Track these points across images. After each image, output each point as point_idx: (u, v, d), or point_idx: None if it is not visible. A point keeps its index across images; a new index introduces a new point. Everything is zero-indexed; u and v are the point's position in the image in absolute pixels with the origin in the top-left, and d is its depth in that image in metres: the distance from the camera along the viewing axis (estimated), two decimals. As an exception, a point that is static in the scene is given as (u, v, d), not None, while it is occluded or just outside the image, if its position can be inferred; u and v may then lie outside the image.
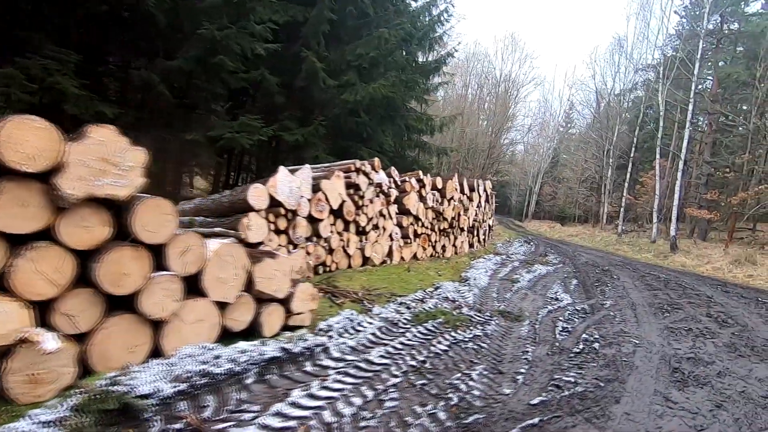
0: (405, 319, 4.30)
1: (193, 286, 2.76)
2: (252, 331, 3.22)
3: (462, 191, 10.71)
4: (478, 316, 4.85)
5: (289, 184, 5.50)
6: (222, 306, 2.96)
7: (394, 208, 8.07)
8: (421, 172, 8.99)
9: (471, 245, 11.72)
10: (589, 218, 35.68)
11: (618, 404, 2.78)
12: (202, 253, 2.74)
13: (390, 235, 7.99)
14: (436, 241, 9.53)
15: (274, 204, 5.34)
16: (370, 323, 3.92)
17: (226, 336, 3.03)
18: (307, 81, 9.14)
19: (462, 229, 10.70)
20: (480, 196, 12.03)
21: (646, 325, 5.14)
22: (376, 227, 7.50)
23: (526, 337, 4.26)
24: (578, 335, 4.46)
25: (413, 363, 3.18)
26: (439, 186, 9.53)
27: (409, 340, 3.70)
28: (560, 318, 5.18)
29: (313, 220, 6.04)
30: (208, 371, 2.37)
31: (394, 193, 8.07)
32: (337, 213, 6.54)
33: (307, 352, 2.98)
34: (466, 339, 3.96)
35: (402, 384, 2.80)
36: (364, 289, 5.45)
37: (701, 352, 4.19)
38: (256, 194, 5.00)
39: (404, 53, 11.07)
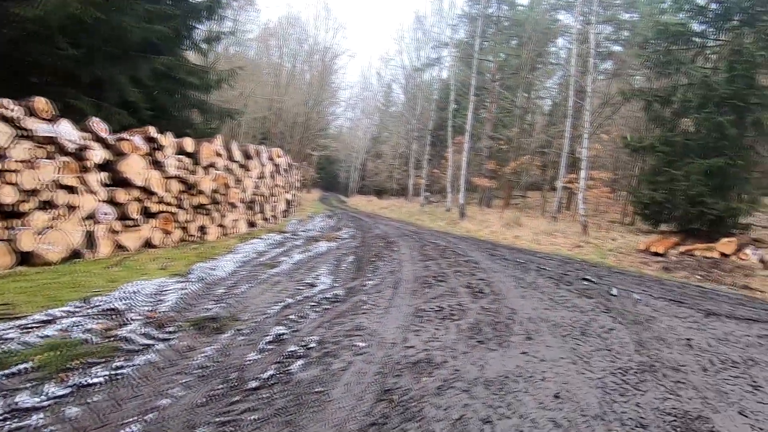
0: None
1: None
2: None
3: (231, 158, 8.67)
4: (146, 337, 3.04)
5: None
6: None
7: (98, 176, 5.56)
8: (153, 129, 6.56)
9: (252, 224, 9.87)
10: (403, 191, 37.96)
11: None
12: None
13: (92, 217, 5.49)
14: (187, 221, 7.32)
15: None
16: None
17: None
18: (-62, -26, 5.60)
19: (234, 205, 8.73)
20: (263, 166, 10.20)
21: (394, 311, 4.16)
22: (50, 205, 4.92)
23: (196, 368, 2.63)
24: (287, 346, 3.07)
25: None
26: (190, 149, 7.29)
27: None
28: (291, 315, 3.79)
29: None
30: None
31: (97, 154, 5.54)
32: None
33: None
34: (42, 404, 2.09)
35: None
36: (-59, 315, 3.03)
37: (437, 347, 3.27)
38: None
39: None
